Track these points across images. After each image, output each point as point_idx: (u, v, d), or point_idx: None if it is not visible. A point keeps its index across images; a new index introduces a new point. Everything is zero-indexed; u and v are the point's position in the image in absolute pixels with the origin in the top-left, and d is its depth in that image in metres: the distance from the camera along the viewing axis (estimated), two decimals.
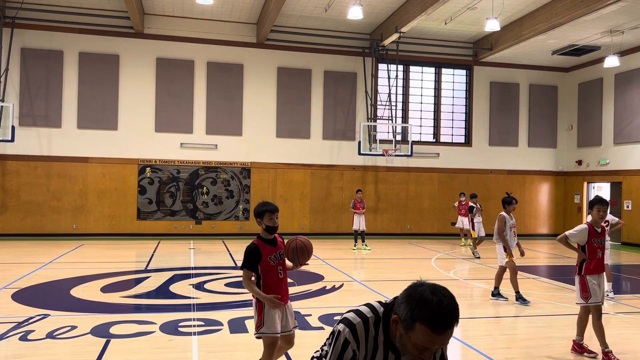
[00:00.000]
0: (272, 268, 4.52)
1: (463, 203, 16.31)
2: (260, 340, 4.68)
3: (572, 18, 14.40)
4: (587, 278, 5.90)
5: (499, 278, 8.84)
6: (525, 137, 20.67)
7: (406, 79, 19.71)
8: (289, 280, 10.22)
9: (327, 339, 2.36)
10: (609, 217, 9.88)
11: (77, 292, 8.77)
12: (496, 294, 8.78)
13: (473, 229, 14.54)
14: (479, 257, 13.82)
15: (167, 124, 17.41)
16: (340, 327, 2.22)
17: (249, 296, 8.85)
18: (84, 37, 16.85)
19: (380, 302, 2.30)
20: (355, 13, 14.09)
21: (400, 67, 19.28)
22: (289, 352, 5.77)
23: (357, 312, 2.24)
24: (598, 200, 5.99)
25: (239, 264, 12.48)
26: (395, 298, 2.19)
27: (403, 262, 13.30)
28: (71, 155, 16.73)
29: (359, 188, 17.31)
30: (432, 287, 2.00)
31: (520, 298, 8.48)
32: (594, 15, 14.72)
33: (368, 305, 2.28)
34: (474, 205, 14.48)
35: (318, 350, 2.55)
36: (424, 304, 1.94)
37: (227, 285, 9.61)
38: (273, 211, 4.52)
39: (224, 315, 7.30)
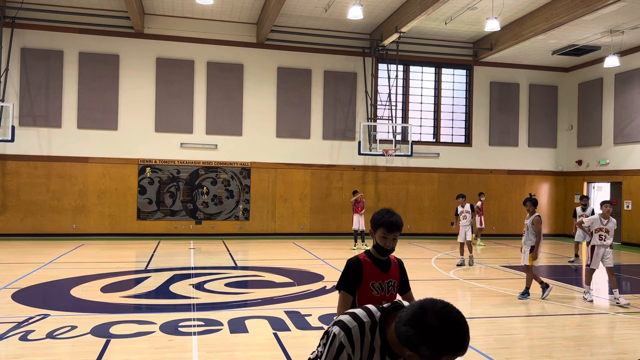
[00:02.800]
0: (373, 299, 3.26)
1: (482, 202, 16.66)
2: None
3: (572, 18, 14.40)
4: None
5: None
6: (525, 137, 20.67)
7: (406, 79, 19.71)
8: (288, 280, 10.25)
9: (322, 338, 2.35)
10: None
11: (77, 292, 8.76)
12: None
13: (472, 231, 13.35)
14: (461, 265, 12.57)
15: (167, 124, 17.41)
16: (336, 330, 2.19)
17: (249, 296, 8.85)
18: (84, 37, 16.85)
19: (377, 306, 2.28)
20: (355, 13, 14.09)
21: (400, 67, 19.27)
22: (289, 352, 5.78)
23: (354, 315, 2.22)
24: None
25: (239, 264, 12.55)
26: (394, 303, 2.18)
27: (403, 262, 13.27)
28: (71, 155, 16.73)
29: (356, 189, 17.18)
30: (444, 314, 1.90)
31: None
32: (594, 15, 14.72)
33: (365, 308, 2.26)
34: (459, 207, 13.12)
35: (314, 352, 2.54)
36: (448, 341, 1.87)
37: (227, 285, 9.61)
38: (391, 229, 3.27)
39: (224, 315, 7.30)
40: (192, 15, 17.30)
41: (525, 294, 8.94)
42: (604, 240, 8.88)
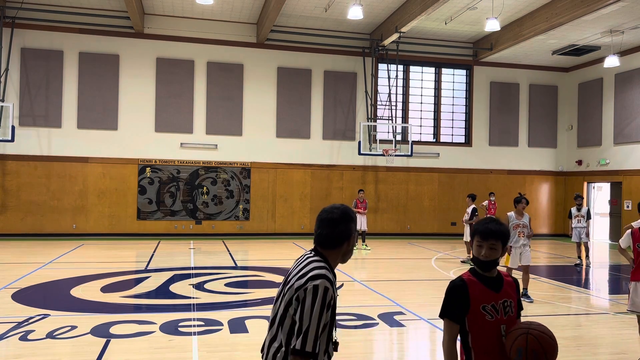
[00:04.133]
0: (488, 326, 2.77)
1: (493, 202, 16.54)
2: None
3: (572, 18, 14.40)
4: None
5: None
6: (525, 137, 20.67)
7: (406, 79, 19.71)
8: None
9: (283, 315, 2.46)
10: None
11: (77, 292, 8.76)
12: None
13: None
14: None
15: (167, 124, 17.40)
16: (316, 282, 2.38)
17: (249, 296, 8.84)
18: (84, 37, 16.85)
19: (308, 252, 2.59)
20: (355, 13, 14.09)
21: (400, 67, 19.27)
22: None
23: (317, 267, 2.46)
24: None
25: (239, 264, 12.54)
26: (317, 248, 2.58)
27: (403, 262, 13.30)
28: (71, 155, 16.72)
29: (361, 188, 17.28)
30: (337, 205, 2.62)
31: None
32: (594, 15, 14.72)
33: (314, 261, 2.50)
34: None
35: (264, 346, 2.65)
36: (351, 211, 2.64)
37: (227, 285, 9.61)
38: (485, 236, 2.82)
39: (224, 315, 7.30)
40: (192, 15, 17.29)
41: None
42: None
